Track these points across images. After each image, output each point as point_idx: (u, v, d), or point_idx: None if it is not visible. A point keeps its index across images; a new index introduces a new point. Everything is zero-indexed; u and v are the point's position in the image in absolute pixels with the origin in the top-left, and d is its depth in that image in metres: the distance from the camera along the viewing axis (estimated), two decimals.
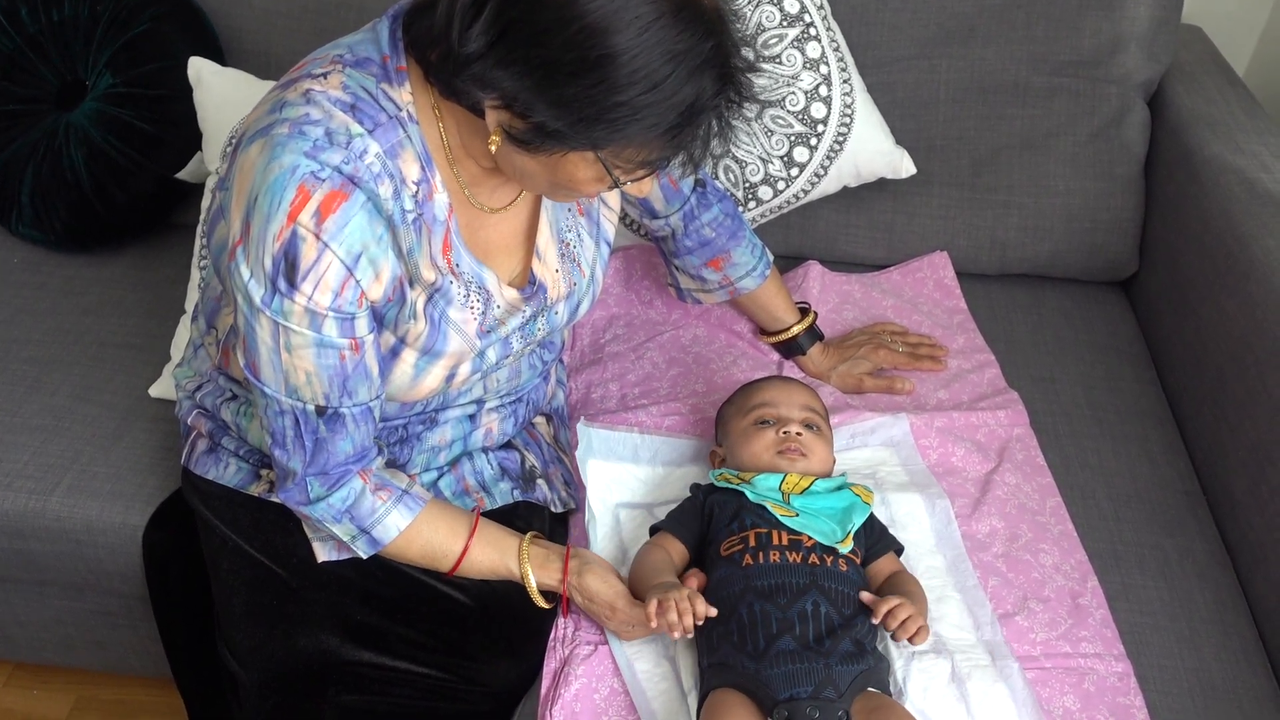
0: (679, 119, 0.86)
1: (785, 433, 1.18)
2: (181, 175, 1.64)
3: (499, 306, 1.09)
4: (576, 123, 0.85)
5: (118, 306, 1.62)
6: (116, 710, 1.66)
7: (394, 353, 1.04)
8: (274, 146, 0.92)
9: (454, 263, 1.04)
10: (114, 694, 1.67)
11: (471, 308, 1.06)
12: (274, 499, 1.17)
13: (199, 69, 1.54)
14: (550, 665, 1.12)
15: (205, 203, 1.54)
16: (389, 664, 1.12)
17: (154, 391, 1.48)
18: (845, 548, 1.09)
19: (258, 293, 0.94)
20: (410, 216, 0.98)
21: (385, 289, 0.98)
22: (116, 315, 1.60)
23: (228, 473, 1.19)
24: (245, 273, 0.94)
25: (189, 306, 1.50)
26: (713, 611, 1.02)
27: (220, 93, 1.53)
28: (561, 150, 0.89)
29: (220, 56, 1.65)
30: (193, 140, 1.59)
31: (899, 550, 1.16)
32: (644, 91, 0.83)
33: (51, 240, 1.68)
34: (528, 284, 1.12)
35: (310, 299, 0.93)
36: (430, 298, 1.03)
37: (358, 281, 0.95)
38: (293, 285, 0.93)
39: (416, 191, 0.98)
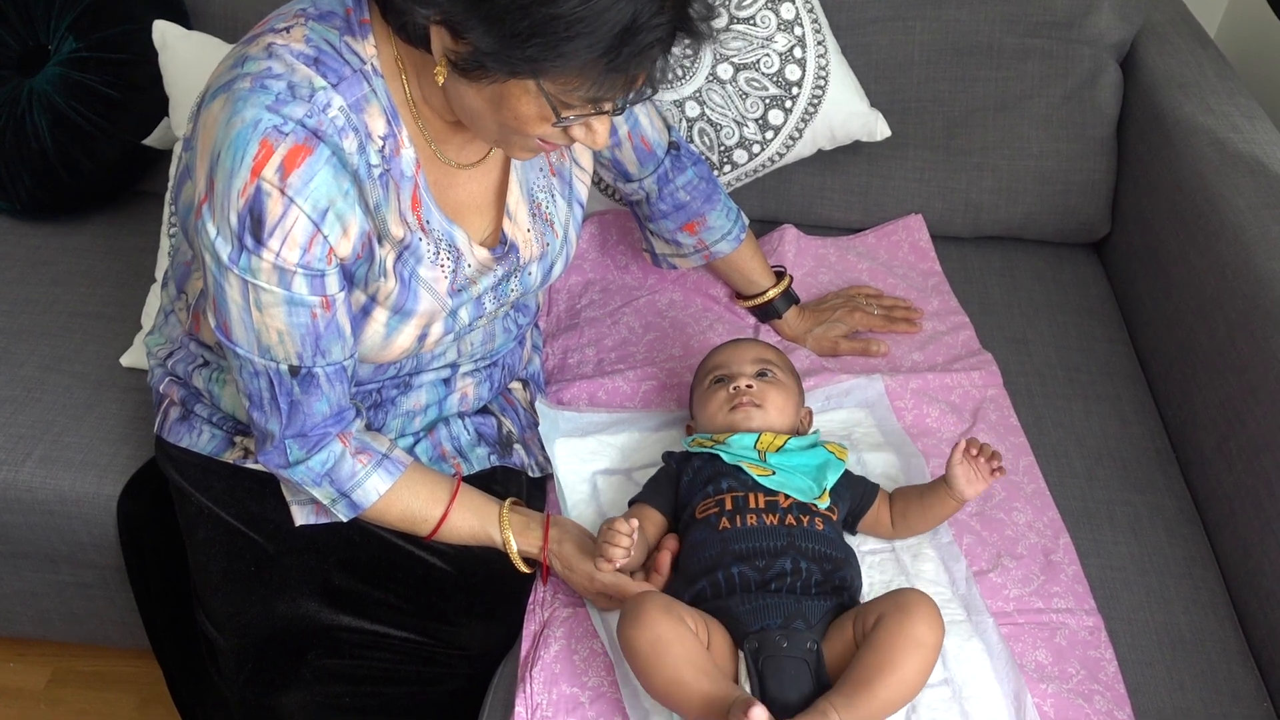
0: (616, 40, 0.84)
1: (735, 388, 1.18)
2: (148, 141, 1.61)
3: (470, 265, 1.08)
4: (510, 38, 0.83)
5: (87, 275, 1.60)
6: (94, 682, 1.65)
7: (365, 312, 1.03)
8: (236, 101, 0.91)
9: (424, 219, 1.03)
10: (91, 665, 1.67)
11: (442, 266, 1.05)
12: (249, 465, 1.16)
13: (164, 32, 1.51)
14: (530, 628, 1.12)
15: (173, 169, 1.52)
16: (368, 628, 1.12)
17: (125, 361, 1.46)
18: (823, 504, 1.10)
19: (225, 250, 0.93)
20: (377, 171, 0.97)
21: (354, 245, 0.97)
22: (86, 284, 1.58)
23: (201, 440, 1.19)
24: (212, 230, 0.93)
25: (159, 274, 1.48)
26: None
27: (186, 57, 1.50)
28: (500, 77, 0.88)
29: (185, 20, 1.62)
30: (159, 105, 1.57)
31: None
32: (578, 4, 0.82)
33: (17, 209, 1.65)
34: (499, 244, 1.11)
35: (278, 255, 0.93)
36: (400, 255, 1.02)
37: (325, 237, 0.94)
38: (259, 242, 0.92)
39: (383, 146, 0.98)
